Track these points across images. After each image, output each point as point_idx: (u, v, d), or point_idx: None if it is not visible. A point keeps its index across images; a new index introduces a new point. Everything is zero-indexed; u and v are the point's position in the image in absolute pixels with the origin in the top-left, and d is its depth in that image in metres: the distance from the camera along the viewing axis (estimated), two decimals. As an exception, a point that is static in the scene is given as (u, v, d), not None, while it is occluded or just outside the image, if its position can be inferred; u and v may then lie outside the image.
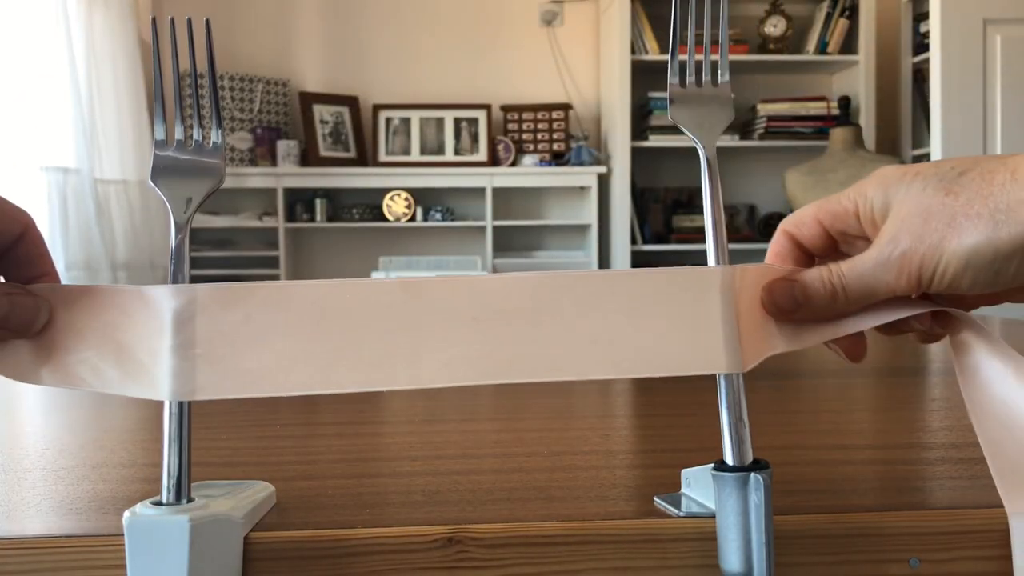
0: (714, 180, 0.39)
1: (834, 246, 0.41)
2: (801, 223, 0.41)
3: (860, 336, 0.41)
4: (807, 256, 0.42)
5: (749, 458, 0.36)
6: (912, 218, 0.37)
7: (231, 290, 0.36)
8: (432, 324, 0.36)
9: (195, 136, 0.38)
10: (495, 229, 3.66)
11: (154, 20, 0.39)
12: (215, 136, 0.38)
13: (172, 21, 0.38)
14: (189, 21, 0.38)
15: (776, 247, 0.42)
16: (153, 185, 0.37)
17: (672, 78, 0.40)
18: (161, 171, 0.37)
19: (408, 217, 3.62)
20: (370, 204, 3.66)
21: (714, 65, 0.41)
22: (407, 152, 3.67)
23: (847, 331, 0.39)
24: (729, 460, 0.36)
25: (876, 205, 0.38)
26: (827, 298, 0.38)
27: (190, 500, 0.35)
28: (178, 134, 0.38)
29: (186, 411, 0.35)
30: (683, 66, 0.40)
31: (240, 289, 0.36)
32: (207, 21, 0.38)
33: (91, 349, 0.36)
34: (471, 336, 0.36)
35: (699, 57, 0.41)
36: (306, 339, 0.36)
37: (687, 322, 0.37)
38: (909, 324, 0.40)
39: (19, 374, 0.36)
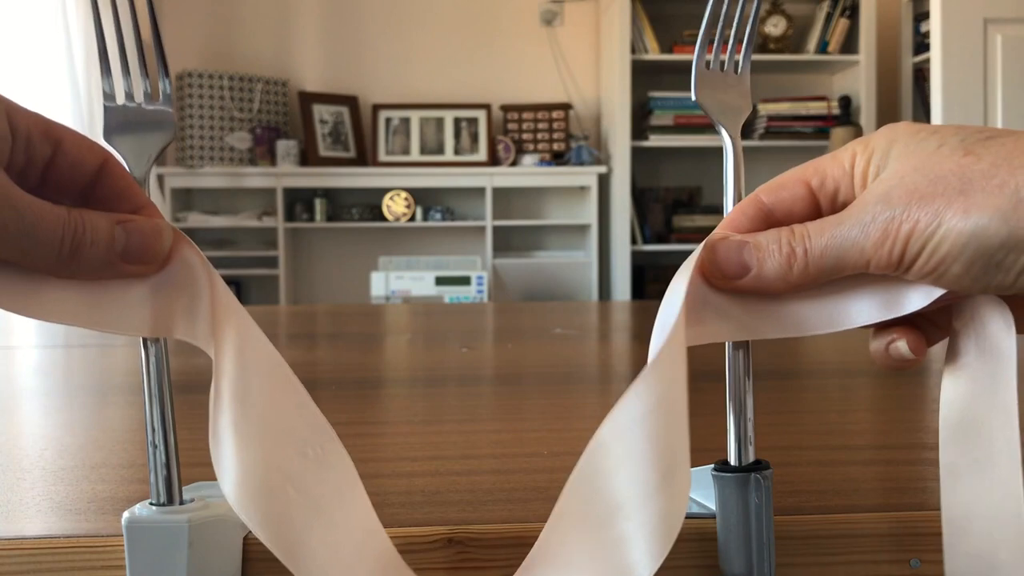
0: (738, 167, 0.36)
1: (818, 216, 0.33)
2: (781, 185, 0.33)
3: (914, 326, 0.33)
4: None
5: (750, 458, 0.36)
6: (914, 176, 0.29)
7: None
8: None
9: (144, 88, 0.36)
10: (495, 229, 3.66)
11: None
12: (163, 86, 0.36)
13: None
14: None
15: (734, 214, 0.34)
16: (107, 143, 0.35)
17: (699, 60, 0.38)
18: (113, 128, 0.35)
19: (408, 217, 3.62)
20: (370, 204, 3.65)
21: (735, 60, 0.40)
22: (407, 152, 3.67)
23: (801, 330, 0.32)
24: (731, 460, 0.36)
25: (876, 158, 0.31)
26: (782, 263, 0.31)
27: (189, 501, 0.35)
28: (126, 88, 0.36)
29: (168, 411, 0.34)
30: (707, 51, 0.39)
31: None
32: None
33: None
34: None
35: (722, 56, 0.40)
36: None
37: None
38: (894, 331, 0.33)
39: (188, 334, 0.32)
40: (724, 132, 0.38)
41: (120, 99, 0.36)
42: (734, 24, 0.40)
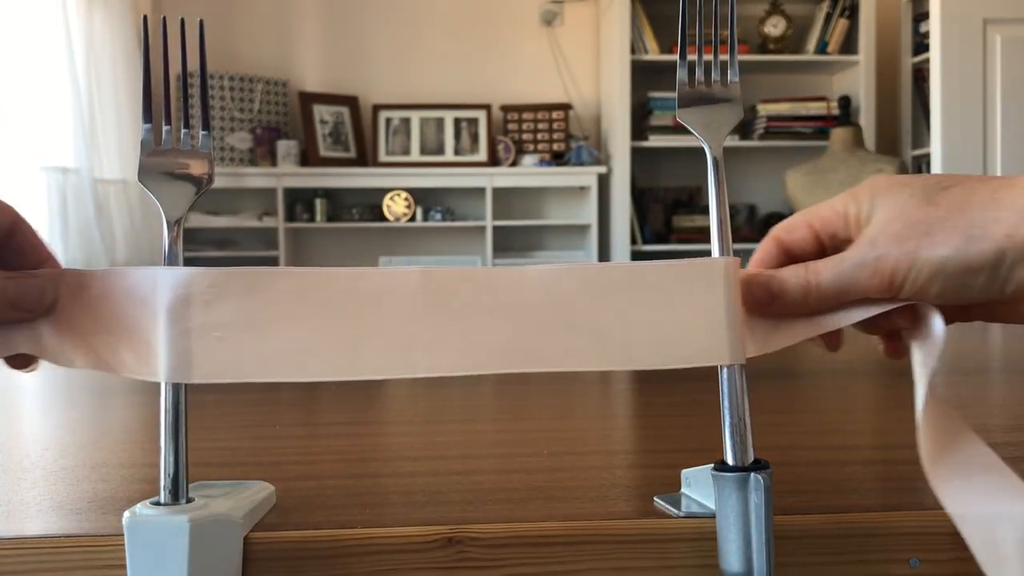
0: (720, 180, 0.40)
1: (822, 252, 0.42)
2: (792, 228, 0.42)
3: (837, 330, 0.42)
4: (792, 262, 0.42)
5: (750, 458, 0.36)
6: (892, 223, 0.38)
7: (249, 275, 0.36)
8: (449, 314, 0.37)
9: (182, 137, 0.38)
10: (495, 229, 3.66)
11: (145, 19, 0.39)
12: (202, 137, 0.38)
13: (164, 20, 0.39)
14: (182, 21, 0.38)
15: (760, 253, 0.43)
16: (141, 184, 0.37)
17: (681, 78, 0.40)
18: (148, 171, 0.37)
19: (408, 217, 3.62)
20: (370, 204, 3.66)
21: (724, 65, 0.41)
22: (407, 152, 3.67)
23: (820, 330, 0.40)
24: (730, 460, 0.36)
25: (864, 210, 0.40)
26: (800, 293, 0.39)
27: (190, 500, 0.35)
28: (165, 134, 0.38)
29: (182, 410, 0.35)
30: (691, 66, 0.41)
31: (260, 274, 0.36)
32: (200, 22, 0.38)
33: (106, 332, 0.36)
34: (487, 325, 0.37)
35: (708, 57, 0.41)
36: (323, 326, 0.36)
37: (691, 314, 0.38)
38: (880, 324, 0.41)
39: (53, 357, 0.37)
40: (707, 149, 0.40)
41: (160, 144, 0.38)
42: (715, 29, 0.41)
